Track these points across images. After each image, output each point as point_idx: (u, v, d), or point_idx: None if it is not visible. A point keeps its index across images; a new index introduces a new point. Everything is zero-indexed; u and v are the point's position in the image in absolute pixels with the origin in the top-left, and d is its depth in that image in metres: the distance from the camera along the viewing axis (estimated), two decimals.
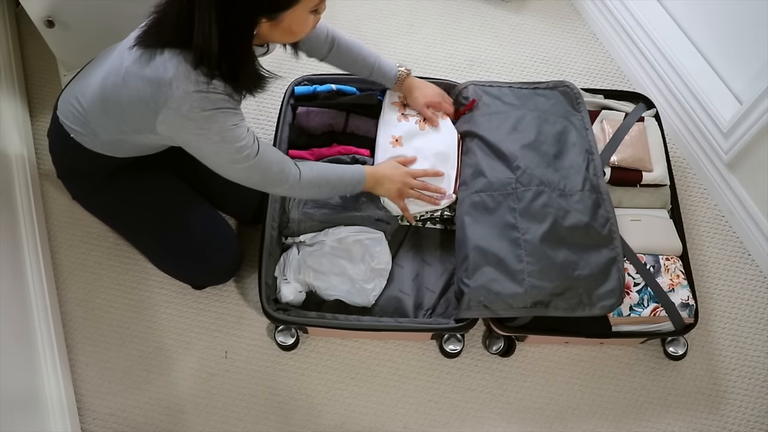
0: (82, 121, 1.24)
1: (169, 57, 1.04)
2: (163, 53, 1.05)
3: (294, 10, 1.04)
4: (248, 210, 1.53)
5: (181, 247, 1.42)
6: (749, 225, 1.64)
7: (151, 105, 1.08)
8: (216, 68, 1.04)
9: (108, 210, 1.46)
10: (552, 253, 1.33)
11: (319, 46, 1.40)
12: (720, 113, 1.62)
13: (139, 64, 1.08)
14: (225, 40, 1.01)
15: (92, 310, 1.51)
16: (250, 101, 1.76)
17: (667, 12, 1.80)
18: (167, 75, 1.04)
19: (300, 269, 1.41)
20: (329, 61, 1.45)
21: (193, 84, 1.05)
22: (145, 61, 1.07)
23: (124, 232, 1.52)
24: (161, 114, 1.08)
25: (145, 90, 1.07)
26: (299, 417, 1.42)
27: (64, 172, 1.41)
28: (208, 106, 1.07)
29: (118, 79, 1.12)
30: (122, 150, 1.30)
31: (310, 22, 1.11)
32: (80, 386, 1.43)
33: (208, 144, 1.12)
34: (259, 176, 1.22)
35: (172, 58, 1.04)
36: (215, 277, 1.49)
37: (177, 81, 1.04)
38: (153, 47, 1.07)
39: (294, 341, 1.45)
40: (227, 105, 1.10)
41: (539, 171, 1.41)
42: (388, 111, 1.54)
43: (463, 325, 1.36)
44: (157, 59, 1.06)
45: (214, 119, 1.09)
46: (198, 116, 1.07)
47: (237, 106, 1.14)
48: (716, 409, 1.47)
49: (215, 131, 1.10)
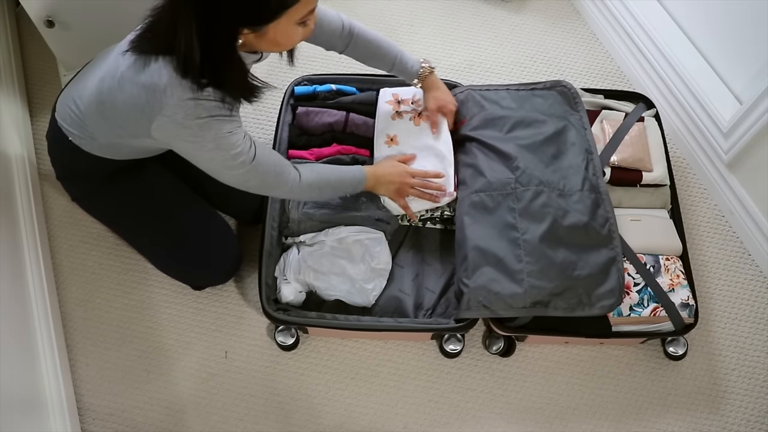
0: (80, 124, 1.24)
1: (164, 64, 1.04)
2: (157, 60, 1.05)
3: (278, 23, 1.02)
4: (248, 210, 1.53)
5: (181, 249, 1.42)
6: (749, 225, 1.63)
7: (146, 111, 1.08)
8: (200, 77, 1.04)
9: (107, 212, 1.46)
10: (551, 253, 1.33)
11: (336, 41, 1.38)
12: (720, 113, 1.62)
13: (134, 69, 1.08)
14: (206, 50, 1.00)
15: (92, 310, 1.51)
16: None
17: (667, 12, 1.80)
18: (161, 82, 1.04)
19: (300, 269, 1.41)
20: (348, 55, 1.43)
21: (187, 91, 1.04)
22: (140, 67, 1.07)
23: (123, 234, 1.53)
24: (156, 121, 1.08)
25: (140, 96, 1.07)
26: (299, 417, 1.42)
27: (63, 173, 1.41)
28: (203, 114, 1.07)
29: (114, 82, 1.12)
30: (120, 153, 1.30)
31: (297, 34, 1.08)
32: (80, 386, 1.43)
33: (203, 151, 1.12)
34: (256, 181, 1.22)
35: (166, 66, 1.04)
36: (215, 277, 1.49)
37: (171, 88, 1.04)
38: (147, 53, 1.06)
39: (294, 341, 1.45)
40: (221, 112, 1.09)
41: (538, 171, 1.41)
42: (383, 110, 1.54)
43: (463, 325, 1.36)
44: (152, 66, 1.05)
45: (209, 127, 1.08)
46: (192, 124, 1.07)
47: (232, 113, 1.13)
48: (716, 409, 1.47)
49: (209, 139, 1.10)
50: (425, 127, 1.50)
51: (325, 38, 1.37)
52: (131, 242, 1.52)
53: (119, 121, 1.16)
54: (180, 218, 1.42)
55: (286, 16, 1.01)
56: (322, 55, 1.89)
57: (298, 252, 1.44)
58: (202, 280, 1.50)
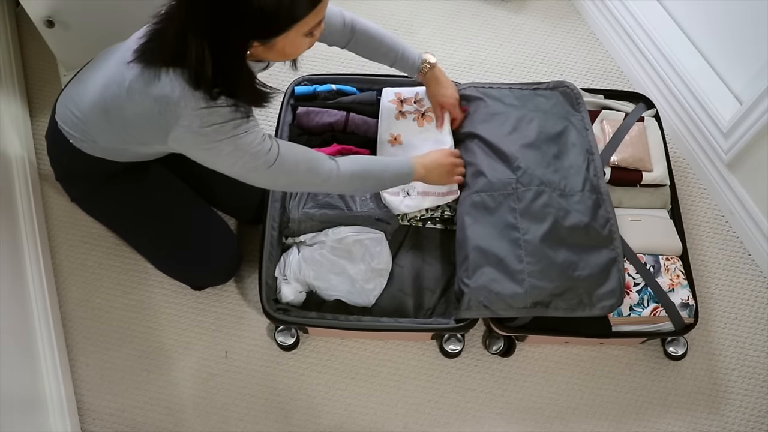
0: (81, 128, 1.24)
1: (174, 77, 1.04)
2: (168, 72, 1.05)
3: (287, 36, 1.03)
4: (248, 210, 1.53)
5: (181, 249, 1.42)
6: (749, 225, 1.64)
7: (161, 123, 1.08)
8: (212, 89, 1.04)
9: (107, 213, 1.46)
10: (552, 253, 1.33)
11: (337, 38, 1.39)
12: (720, 113, 1.62)
13: (143, 80, 1.07)
14: (218, 64, 1.01)
15: (92, 310, 1.51)
16: None
17: (667, 12, 1.80)
18: (174, 94, 1.04)
19: (300, 269, 1.41)
20: (350, 50, 1.43)
21: (200, 101, 1.05)
22: (150, 79, 1.06)
23: (123, 235, 1.52)
24: (173, 132, 1.08)
25: (153, 108, 1.07)
26: (299, 417, 1.42)
27: (62, 174, 1.41)
28: (218, 120, 1.07)
29: (121, 91, 1.11)
30: (124, 156, 1.30)
31: (304, 44, 1.09)
32: (80, 386, 1.43)
33: (222, 156, 1.12)
34: (285, 179, 1.21)
35: (177, 78, 1.04)
36: (215, 277, 1.49)
37: (185, 100, 1.04)
38: (155, 65, 1.06)
39: (294, 341, 1.45)
40: (236, 116, 1.09)
41: (540, 171, 1.41)
42: (386, 109, 1.54)
43: (463, 325, 1.36)
44: (163, 78, 1.05)
45: (224, 131, 1.08)
46: (209, 130, 1.07)
47: (247, 115, 1.13)
48: (716, 409, 1.47)
49: (226, 142, 1.10)
50: (428, 128, 1.51)
51: (327, 35, 1.36)
52: (131, 243, 1.52)
53: (128, 129, 1.16)
54: (180, 219, 1.42)
55: (295, 28, 1.02)
56: (322, 54, 1.89)
57: (299, 252, 1.44)
58: (203, 281, 1.51)
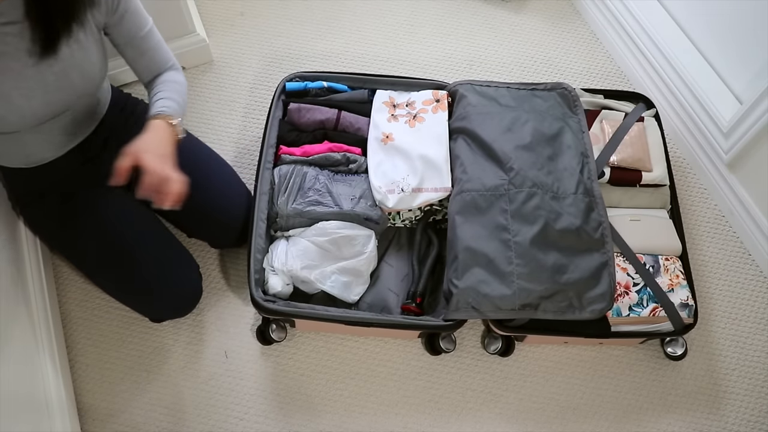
0: None
1: None
2: None
3: None
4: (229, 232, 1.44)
5: (128, 284, 1.32)
6: (749, 225, 1.63)
7: None
8: None
9: (46, 229, 1.34)
10: (542, 255, 1.32)
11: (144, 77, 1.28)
12: (720, 113, 1.62)
13: None
14: None
15: (92, 310, 1.51)
16: (241, 97, 1.77)
17: (667, 12, 1.80)
18: None
19: (287, 260, 1.38)
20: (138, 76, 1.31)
21: None
22: None
23: (66, 258, 1.41)
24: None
25: None
26: (299, 417, 1.42)
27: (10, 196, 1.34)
28: None
29: None
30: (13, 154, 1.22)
31: None
32: (80, 386, 1.43)
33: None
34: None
35: None
36: (168, 314, 1.43)
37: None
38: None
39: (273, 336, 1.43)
40: None
41: (532, 173, 1.40)
42: (378, 111, 1.55)
43: (452, 324, 1.34)
44: None
45: None
46: None
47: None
48: (716, 409, 1.47)
49: None
50: (420, 128, 1.51)
51: (139, 68, 1.27)
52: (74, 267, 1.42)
53: None
54: (131, 247, 1.30)
55: None
56: (321, 54, 1.90)
57: (287, 243, 1.42)
58: (156, 315, 1.44)
